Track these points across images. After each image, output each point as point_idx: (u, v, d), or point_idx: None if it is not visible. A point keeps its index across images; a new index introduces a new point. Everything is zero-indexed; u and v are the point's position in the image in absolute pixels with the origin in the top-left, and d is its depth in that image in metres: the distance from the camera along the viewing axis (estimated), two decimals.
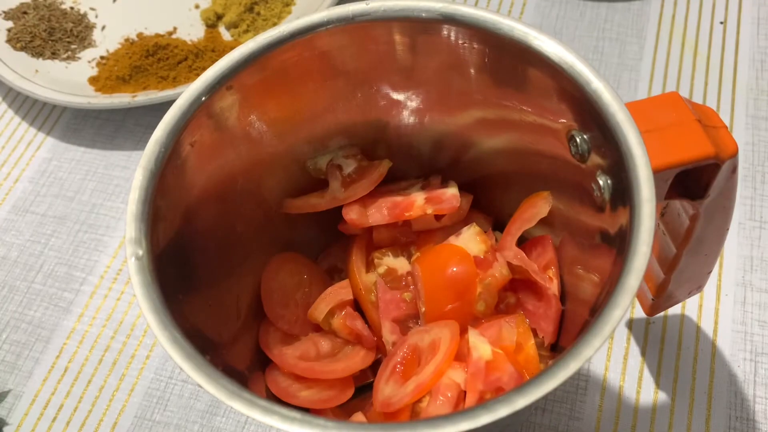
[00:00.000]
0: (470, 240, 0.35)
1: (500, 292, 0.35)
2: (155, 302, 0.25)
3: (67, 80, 0.56)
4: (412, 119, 0.36)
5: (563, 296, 0.36)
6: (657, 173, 0.26)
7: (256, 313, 0.37)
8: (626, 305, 0.23)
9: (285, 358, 0.36)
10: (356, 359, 0.37)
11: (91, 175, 0.53)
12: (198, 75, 0.36)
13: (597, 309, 0.24)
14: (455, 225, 0.38)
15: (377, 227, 0.38)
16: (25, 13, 0.61)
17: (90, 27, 0.60)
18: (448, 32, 0.31)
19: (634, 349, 0.42)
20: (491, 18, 0.29)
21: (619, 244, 0.26)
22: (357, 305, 0.38)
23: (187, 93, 0.30)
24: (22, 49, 0.58)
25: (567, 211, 0.33)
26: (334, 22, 0.31)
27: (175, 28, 0.59)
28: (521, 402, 0.22)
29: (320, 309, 0.37)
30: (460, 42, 0.31)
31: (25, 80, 0.55)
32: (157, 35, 0.59)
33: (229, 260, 0.35)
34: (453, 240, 0.35)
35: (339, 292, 0.38)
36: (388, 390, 0.34)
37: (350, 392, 0.37)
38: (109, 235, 0.50)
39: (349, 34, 0.31)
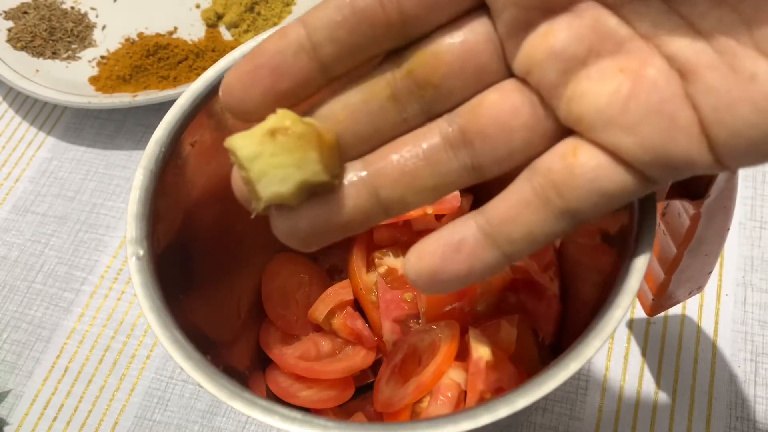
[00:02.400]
0: None
1: (500, 292, 0.35)
2: (156, 302, 0.25)
3: (68, 80, 0.56)
4: None
5: (563, 296, 0.36)
6: None
7: (256, 313, 0.37)
8: (627, 305, 0.23)
9: (285, 358, 0.36)
10: (357, 359, 0.37)
11: (92, 174, 0.53)
12: (199, 75, 0.36)
13: (597, 309, 0.24)
14: None
15: (378, 227, 0.38)
16: (25, 12, 0.61)
17: (90, 27, 0.60)
18: None
19: (635, 350, 0.42)
20: None
21: (620, 244, 0.26)
22: (357, 305, 0.38)
23: (187, 93, 0.30)
24: (22, 48, 0.58)
25: None
26: None
27: (175, 28, 0.59)
28: (521, 402, 0.22)
29: (320, 309, 0.37)
30: None
31: (26, 80, 0.55)
32: (158, 35, 0.59)
33: (229, 260, 0.35)
34: None
35: (339, 292, 0.38)
36: (388, 390, 0.34)
37: (351, 392, 0.37)
38: (110, 234, 0.50)
39: None
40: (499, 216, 0.20)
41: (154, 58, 0.56)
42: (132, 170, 0.53)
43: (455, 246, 0.20)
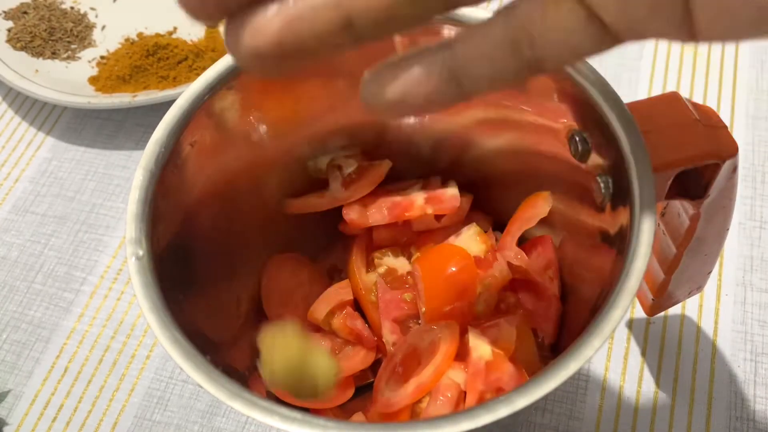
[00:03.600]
0: (470, 240, 0.35)
1: (500, 292, 0.35)
2: (155, 302, 0.25)
3: (68, 80, 0.56)
4: (412, 119, 0.36)
5: (563, 296, 0.36)
6: (657, 173, 0.26)
7: (256, 313, 0.37)
8: (626, 305, 0.23)
9: None
10: (356, 359, 0.37)
11: (92, 175, 0.53)
12: (198, 75, 0.36)
13: (597, 309, 0.24)
14: (455, 225, 0.38)
15: (377, 227, 0.38)
16: (25, 12, 0.61)
17: (90, 27, 0.60)
18: (449, 32, 0.31)
19: (635, 349, 0.42)
20: None
21: (619, 244, 0.26)
22: (357, 305, 0.38)
23: (187, 93, 0.30)
24: (22, 48, 0.58)
25: (567, 211, 0.33)
26: None
27: (175, 28, 0.59)
28: (521, 402, 0.22)
29: (320, 309, 0.37)
30: None
31: (26, 80, 0.55)
32: (158, 35, 0.59)
33: (229, 260, 0.35)
34: (453, 240, 0.35)
35: (339, 292, 0.38)
36: (388, 390, 0.34)
37: (350, 392, 0.37)
38: (110, 235, 0.50)
39: None
40: (468, 53, 0.20)
41: (153, 58, 0.56)
42: (132, 170, 0.53)
43: (418, 80, 0.20)
